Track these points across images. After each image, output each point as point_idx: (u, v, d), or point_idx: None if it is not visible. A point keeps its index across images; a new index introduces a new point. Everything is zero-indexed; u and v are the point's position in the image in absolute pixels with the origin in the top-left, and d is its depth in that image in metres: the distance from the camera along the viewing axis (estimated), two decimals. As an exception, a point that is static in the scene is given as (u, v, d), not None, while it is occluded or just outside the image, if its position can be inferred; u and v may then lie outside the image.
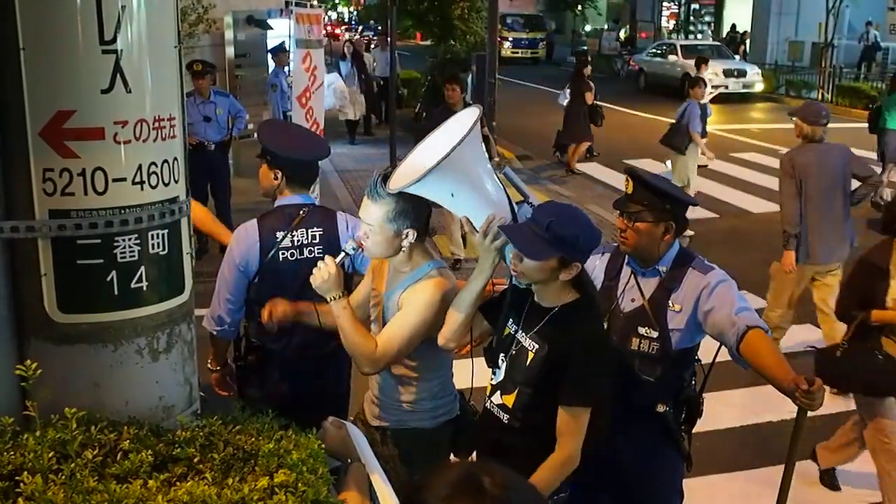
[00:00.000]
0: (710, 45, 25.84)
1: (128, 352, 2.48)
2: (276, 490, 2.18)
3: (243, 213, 6.63)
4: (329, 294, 2.82)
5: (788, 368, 2.78)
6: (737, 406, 5.53)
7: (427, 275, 2.90)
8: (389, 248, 2.87)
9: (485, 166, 2.80)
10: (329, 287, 2.81)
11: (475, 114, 2.75)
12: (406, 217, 2.82)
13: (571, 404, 2.75)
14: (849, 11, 24.87)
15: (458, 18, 18.35)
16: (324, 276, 2.79)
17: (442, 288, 2.88)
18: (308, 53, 7.76)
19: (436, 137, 2.83)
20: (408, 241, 2.85)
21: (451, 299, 2.88)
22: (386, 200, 2.79)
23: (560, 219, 2.67)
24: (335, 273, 2.80)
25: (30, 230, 2.35)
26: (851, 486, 4.79)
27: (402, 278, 2.95)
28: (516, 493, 1.34)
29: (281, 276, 3.38)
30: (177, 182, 2.54)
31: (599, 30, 35.36)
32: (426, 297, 2.86)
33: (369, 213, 2.83)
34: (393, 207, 2.80)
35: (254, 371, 3.57)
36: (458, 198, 2.73)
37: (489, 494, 1.28)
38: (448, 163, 2.57)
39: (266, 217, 3.51)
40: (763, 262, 5.15)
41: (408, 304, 2.87)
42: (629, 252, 3.15)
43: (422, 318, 2.85)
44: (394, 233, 2.83)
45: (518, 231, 2.71)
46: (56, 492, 2.07)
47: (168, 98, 2.49)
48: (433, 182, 2.64)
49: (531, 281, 2.77)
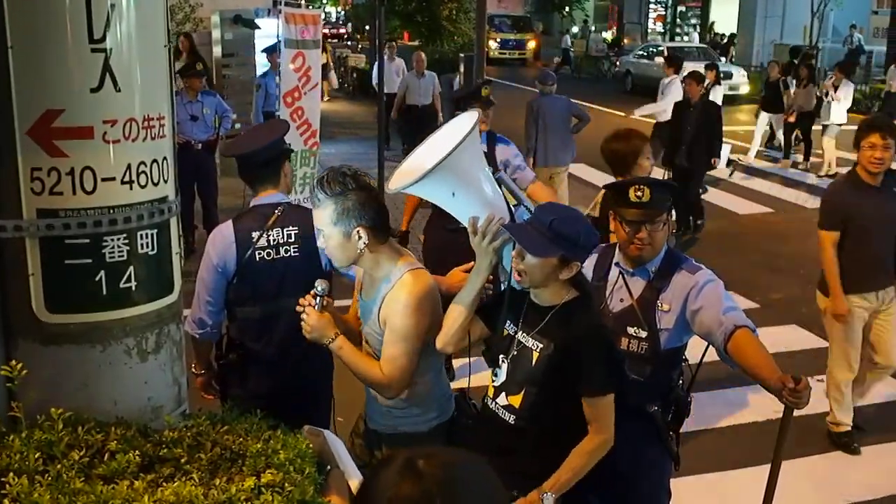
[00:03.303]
0: (696, 48, 25.95)
1: (116, 352, 2.48)
2: (262, 490, 2.18)
3: (231, 213, 6.60)
4: (324, 339, 2.85)
5: (775, 367, 2.81)
6: (724, 405, 5.56)
7: (400, 281, 2.86)
8: (345, 251, 2.83)
9: (483, 168, 2.81)
10: (321, 334, 2.84)
11: (474, 117, 2.77)
12: (349, 216, 2.77)
13: (591, 394, 2.78)
14: (833, 15, 25.05)
15: (447, 19, 18.41)
16: (307, 330, 2.84)
17: (415, 289, 2.84)
18: (300, 54, 7.73)
19: (436, 139, 2.84)
20: (361, 241, 2.80)
21: (433, 292, 2.87)
22: (325, 203, 2.76)
23: (561, 218, 2.70)
24: (316, 319, 2.84)
25: (17, 229, 2.34)
26: (840, 485, 4.82)
27: (377, 287, 2.92)
28: (461, 470, 1.35)
29: (258, 277, 3.38)
30: (166, 182, 2.53)
31: (587, 31, 35.44)
32: (402, 303, 2.82)
33: (317, 219, 2.82)
34: (333, 208, 2.76)
35: (236, 370, 3.57)
36: (459, 198, 2.75)
37: (427, 475, 1.29)
38: (449, 163, 2.59)
39: (241, 218, 3.50)
40: (749, 264, 5.16)
41: (391, 317, 2.84)
42: (647, 259, 3.15)
43: (409, 323, 2.82)
44: (343, 235, 2.79)
45: (521, 229, 2.73)
46: (42, 493, 2.06)
47: (157, 97, 2.49)
48: (434, 182, 2.65)
49: (532, 280, 2.78)
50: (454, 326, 2.87)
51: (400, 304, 2.82)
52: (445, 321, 2.89)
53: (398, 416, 3.03)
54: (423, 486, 1.28)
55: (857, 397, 5.26)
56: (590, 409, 2.78)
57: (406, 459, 1.32)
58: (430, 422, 3.05)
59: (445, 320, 2.89)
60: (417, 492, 1.28)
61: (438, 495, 1.28)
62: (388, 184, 2.78)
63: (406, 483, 1.29)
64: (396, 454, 1.36)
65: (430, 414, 3.05)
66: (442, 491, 1.28)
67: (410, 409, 3.02)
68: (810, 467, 4.93)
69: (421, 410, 3.04)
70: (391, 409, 3.02)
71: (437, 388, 3.09)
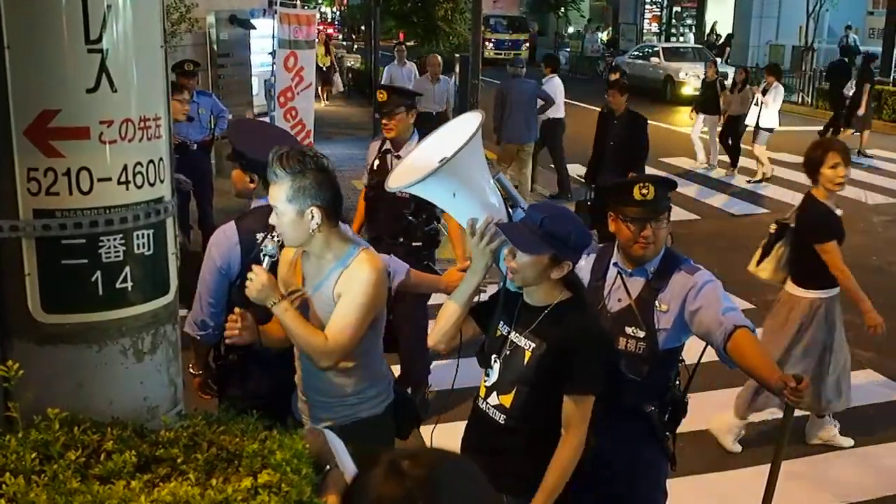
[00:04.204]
0: (692, 48, 25.98)
1: (112, 352, 2.47)
2: (259, 490, 2.18)
3: (226, 213, 6.61)
4: (268, 301, 2.83)
5: (776, 367, 2.82)
6: (721, 406, 5.56)
7: (356, 258, 2.87)
8: (298, 230, 2.82)
9: (484, 170, 2.82)
10: (266, 294, 2.82)
11: (478, 118, 2.77)
12: (305, 195, 2.77)
13: (578, 392, 2.78)
14: (828, 15, 25.09)
15: (442, 19, 18.39)
16: (257, 287, 2.81)
17: (376, 265, 2.86)
18: (292, 54, 7.74)
19: (436, 139, 2.84)
20: (314, 221, 2.79)
21: (385, 272, 2.87)
22: (283, 180, 2.76)
23: (553, 217, 2.71)
24: (266, 279, 2.82)
25: (14, 230, 2.33)
26: (836, 485, 4.83)
27: (328, 269, 2.91)
28: (446, 470, 1.36)
29: None
30: (162, 182, 2.53)
31: (582, 32, 35.44)
32: (364, 277, 2.83)
33: (272, 196, 2.81)
34: (290, 185, 2.76)
35: (235, 370, 3.56)
36: (459, 199, 2.75)
37: (410, 477, 1.30)
38: (453, 164, 2.59)
39: (244, 219, 3.49)
40: (745, 265, 5.16)
41: (347, 290, 2.84)
42: (650, 258, 3.15)
43: (364, 300, 2.83)
44: (296, 213, 2.78)
45: (512, 228, 2.75)
46: (39, 493, 2.05)
47: (154, 98, 2.48)
48: (436, 182, 2.65)
49: (524, 278, 2.79)
50: (447, 324, 2.88)
51: (362, 277, 2.83)
52: (439, 319, 2.90)
53: (356, 402, 3.03)
54: (406, 487, 1.30)
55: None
56: (572, 408, 2.79)
57: (390, 461, 1.34)
58: (382, 402, 3.08)
59: (439, 318, 2.90)
60: (401, 493, 1.29)
61: (421, 497, 1.29)
62: (388, 182, 2.77)
63: (389, 484, 1.30)
64: (381, 455, 1.37)
65: (381, 396, 3.08)
66: (425, 492, 1.29)
67: (366, 392, 3.04)
68: (805, 468, 4.94)
69: (375, 391, 3.06)
70: (348, 397, 3.02)
71: (382, 365, 3.13)
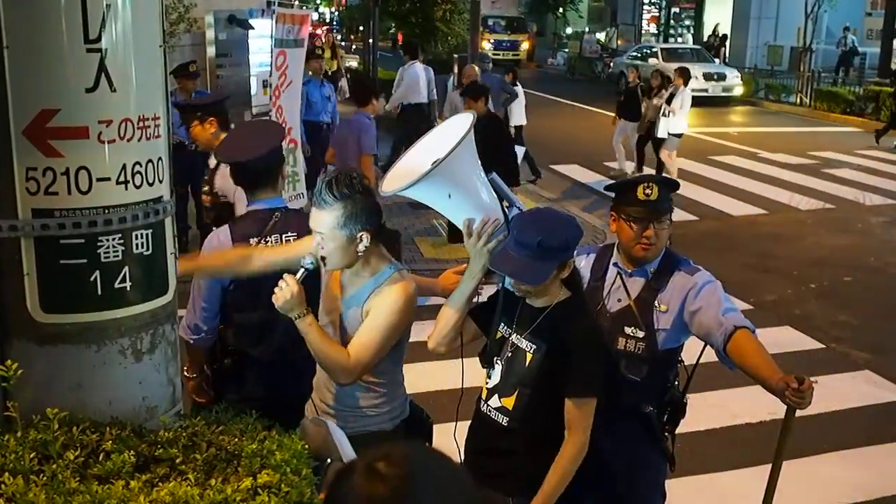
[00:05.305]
0: (690, 49, 25.99)
1: (111, 352, 2.47)
2: (259, 491, 2.18)
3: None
4: (293, 313, 2.78)
5: (776, 368, 2.80)
6: (720, 407, 5.57)
7: (390, 279, 2.87)
8: (346, 255, 2.81)
9: (478, 171, 2.81)
10: (292, 306, 2.76)
11: (469, 119, 2.76)
12: (356, 220, 2.76)
13: (579, 395, 2.78)
14: (827, 16, 25.14)
15: (441, 20, 18.38)
16: (286, 297, 2.75)
17: (407, 290, 2.86)
18: (281, 52, 7.75)
19: (428, 141, 2.84)
20: (363, 244, 2.79)
21: (415, 297, 2.87)
22: (333, 206, 2.74)
23: (547, 233, 2.69)
24: (297, 291, 2.76)
25: (13, 229, 2.34)
26: (833, 486, 4.84)
27: (363, 284, 2.91)
28: (422, 469, 1.37)
29: (257, 283, 3.30)
30: (161, 182, 2.53)
31: (580, 32, 35.44)
32: (393, 300, 2.83)
33: (319, 222, 2.78)
34: (342, 212, 2.74)
35: (231, 375, 3.55)
36: (454, 200, 2.74)
37: (386, 477, 1.31)
38: (447, 165, 2.59)
39: (238, 223, 3.47)
40: (742, 265, 5.16)
41: (375, 310, 2.84)
42: (651, 259, 3.15)
43: (391, 322, 2.83)
44: (347, 238, 2.77)
45: (513, 264, 2.71)
46: (37, 493, 2.06)
47: (153, 98, 2.49)
48: (431, 184, 2.64)
49: (538, 293, 2.82)
50: (446, 327, 2.88)
51: (391, 300, 2.83)
52: (437, 322, 2.90)
53: (370, 415, 3.02)
54: (390, 486, 1.31)
55: None
56: (573, 410, 2.79)
57: (365, 465, 1.34)
58: (395, 419, 3.07)
59: (437, 321, 2.90)
60: (387, 492, 1.30)
61: (405, 493, 1.31)
62: (381, 186, 2.76)
63: (372, 485, 1.31)
64: (354, 463, 1.39)
65: (395, 412, 3.07)
66: (407, 485, 1.31)
67: (382, 407, 3.03)
68: (805, 468, 4.93)
69: (389, 408, 3.05)
70: (364, 409, 3.01)
71: (401, 385, 3.12)
